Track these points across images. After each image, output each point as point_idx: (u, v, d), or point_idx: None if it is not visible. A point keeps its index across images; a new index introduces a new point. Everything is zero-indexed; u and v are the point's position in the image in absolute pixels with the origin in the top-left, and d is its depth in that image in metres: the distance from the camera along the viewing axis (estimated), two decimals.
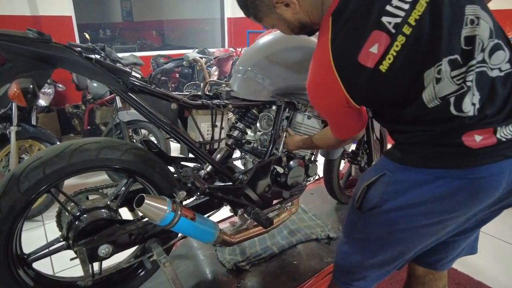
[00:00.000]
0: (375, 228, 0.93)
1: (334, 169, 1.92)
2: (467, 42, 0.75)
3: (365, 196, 0.93)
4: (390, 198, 0.87)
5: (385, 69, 0.77)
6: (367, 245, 0.98)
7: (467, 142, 0.76)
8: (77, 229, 1.06)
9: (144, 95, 1.05)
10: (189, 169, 1.11)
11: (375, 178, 0.90)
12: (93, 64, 0.92)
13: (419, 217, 0.85)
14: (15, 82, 0.79)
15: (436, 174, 0.80)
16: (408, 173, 0.84)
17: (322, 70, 0.84)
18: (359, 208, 0.95)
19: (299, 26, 0.94)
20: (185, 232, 1.13)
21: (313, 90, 0.91)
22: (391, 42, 0.75)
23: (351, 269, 1.03)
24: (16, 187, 0.90)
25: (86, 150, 0.98)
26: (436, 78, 0.76)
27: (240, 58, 1.42)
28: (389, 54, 0.76)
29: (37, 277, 1.11)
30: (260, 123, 1.47)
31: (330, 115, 0.97)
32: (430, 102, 0.77)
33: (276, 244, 1.73)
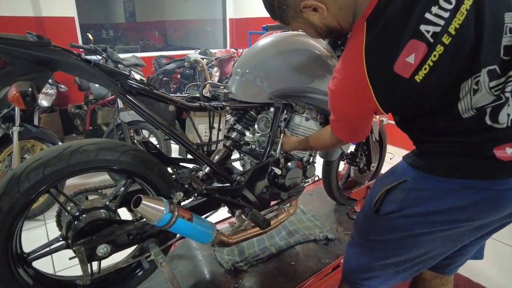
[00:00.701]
0: (391, 232, 0.93)
1: (333, 170, 1.93)
2: (507, 52, 0.73)
3: (384, 200, 0.94)
4: (411, 204, 0.87)
5: (420, 79, 0.75)
6: (381, 247, 0.98)
7: (498, 154, 0.75)
8: (76, 229, 1.08)
9: (142, 97, 1.06)
10: (186, 170, 1.12)
11: (396, 183, 0.90)
12: (91, 67, 0.94)
13: (438, 224, 0.85)
14: (14, 85, 0.81)
15: (461, 184, 0.79)
16: (432, 182, 0.83)
17: (354, 77, 0.81)
18: (376, 212, 0.96)
19: (327, 30, 0.92)
20: (182, 232, 1.14)
21: (339, 95, 0.89)
22: (429, 52, 0.73)
23: (362, 269, 1.03)
24: (16, 187, 0.92)
25: (85, 151, 0.99)
26: (473, 89, 0.74)
27: (238, 60, 1.43)
28: (425, 64, 0.73)
29: (36, 276, 1.13)
30: (258, 124, 1.49)
31: (349, 119, 0.94)
32: (465, 112, 0.75)
33: (274, 245, 1.74)
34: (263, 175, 1.41)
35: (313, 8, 0.86)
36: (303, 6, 0.86)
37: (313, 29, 0.93)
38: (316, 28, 0.92)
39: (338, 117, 0.95)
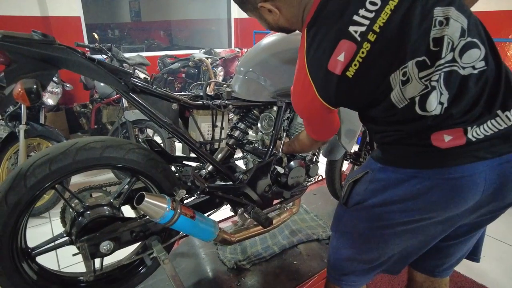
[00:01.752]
0: (358, 223, 0.97)
1: (336, 170, 1.93)
2: (435, 43, 0.77)
3: (351, 192, 0.99)
4: (371, 195, 0.91)
5: (351, 75, 0.82)
6: (352, 240, 1.01)
7: (435, 142, 0.78)
8: (79, 225, 1.09)
9: (145, 95, 1.07)
10: (189, 168, 1.13)
11: (360, 175, 0.95)
12: (95, 65, 0.94)
13: (396, 214, 0.87)
14: (19, 82, 0.82)
15: (410, 174, 0.83)
16: (386, 172, 0.88)
17: (300, 76, 0.92)
18: (345, 204, 1.01)
19: (278, 28, 1.04)
20: (184, 230, 1.14)
21: (293, 93, 1.00)
22: (357, 50, 0.80)
23: (340, 263, 1.05)
24: (22, 182, 0.93)
25: (91, 148, 1.00)
26: (401, 80, 0.79)
27: (241, 59, 1.43)
28: (355, 60, 0.80)
29: (40, 271, 1.14)
30: (261, 123, 1.49)
31: (307, 117, 1.05)
32: (399, 102, 0.80)
33: (277, 243, 1.74)
34: (265, 173, 1.41)
35: (268, 9, 0.95)
36: (260, 6, 0.95)
37: (266, 24, 1.04)
38: (269, 24, 1.03)
39: (301, 116, 1.08)
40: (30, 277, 1.08)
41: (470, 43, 0.77)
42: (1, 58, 0.86)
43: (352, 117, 1.59)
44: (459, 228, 0.92)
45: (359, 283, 1.06)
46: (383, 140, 0.89)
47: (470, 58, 0.77)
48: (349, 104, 0.94)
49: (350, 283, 1.05)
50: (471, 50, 0.77)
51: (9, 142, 2.40)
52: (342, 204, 1.02)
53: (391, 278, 1.85)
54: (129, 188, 1.16)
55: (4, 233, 0.96)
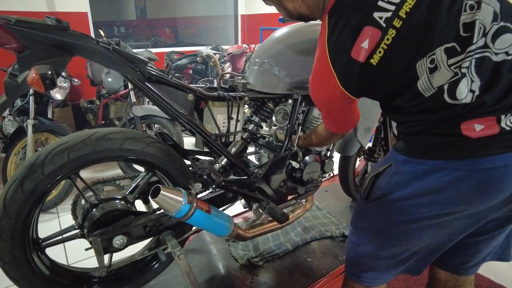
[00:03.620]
0: (380, 218, 0.94)
1: (350, 166, 1.88)
2: (466, 29, 0.74)
3: (372, 187, 0.95)
4: (395, 189, 0.88)
5: (376, 62, 0.79)
6: (374, 235, 0.98)
7: (466, 132, 0.75)
8: (93, 218, 1.06)
9: (161, 85, 1.04)
10: (205, 161, 1.09)
11: (382, 169, 0.92)
12: (110, 52, 0.91)
13: (422, 208, 0.84)
14: (34, 68, 0.78)
15: (437, 165, 0.80)
16: (411, 165, 0.85)
17: (321, 65, 0.89)
18: (366, 198, 0.97)
19: (298, 16, 1.01)
20: (200, 225, 1.11)
21: (313, 82, 0.97)
22: (382, 36, 0.77)
23: (360, 259, 1.02)
24: (40, 169, 0.90)
25: (111, 139, 0.98)
26: (429, 67, 0.76)
27: (256, 50, 1.39)
28: (379, 48, 0.78)
29: (52, 266, 1.12)
30: (276, 117, 1.45)
31: (326, 108, 1.02)
32: (426, 91, 0.77)
33: (289, 240, 1.71)
34: (281, 168, 1.37)
35: None
36: None
37: (285, 12, 1.02)
38: (288, 11, 1.01)
39: (319, 107, 1.04)
40: (40, 270, 1.06)
41: (503, 28, 0.73)
42: (14, 44, 0.83)
43: (369, 112, 1.55)
44: (488, 223, 0.88)
45: (379, 280, 1.02)
46: (408, 130, 0.86)
47: (503, 43, 0.73)
48: (372, 93, 0.91)
49: (369, 280, 1.02)
50: (505, 35, 0.73)
51: (17, 137, 2.39)
52: (363, 198, 0.98)
53: (406, 276, 1.81)
54: (145, 182, 1.13)
55: (18, 221, 0.93)
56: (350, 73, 0.84)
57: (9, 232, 0.93)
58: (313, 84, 0.98)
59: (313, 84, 0.98)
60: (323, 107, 1.02)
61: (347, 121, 1.05)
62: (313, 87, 0.98)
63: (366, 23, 0.79)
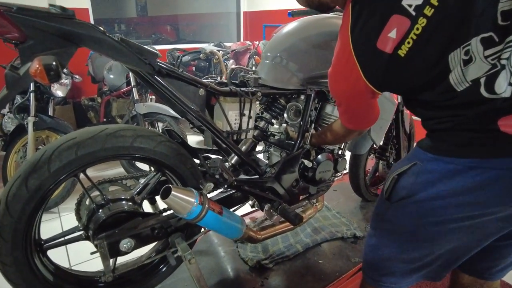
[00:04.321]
0: (404, 219, 0.88)
1: (361, 165, 1.83)
2: (505, 17, 0.67)
3: (395, 186, 0.89)
4: (420, 189, 0.82)
5: (404, 54, 0.74)
6: (395, 238, 0.92)
7: (504, 128, 0.68)
8: (99, 220, 1.00)
9: (171, 79, 0.98)
10: (217, 160, 1.04)
11: (406, 168, 0.86)
12: (118, 42, 0.85)
13: (450, 210, 0.78)
14: (37, 59, 0.73)
15: (468, 164, 0.74)
16: (439, 163, 0.79)
17: (343, 56, 0.84)
18: (388, 199, 0.91)
19: (318, 4, 0.96)
20: (211, 226, 1.05)
21: (333, 75, 0.92)
22: (411, 26, 0.72)
23: (379, 263, 0.97)
24: (46, 166, 0.85)
25: (122, 136, 0.93)
26: (463, 59, 0.70)
27: (268, 44, 1.33)
28: (408, 38, 0.73)
29: (54, 269, 1.06)
30: (288, 113, 1.39)
31: (347, 102, 0.96)
32: (459, 85, 0.72)
33: (300, 242, 1.65)
34: (293, 167, 1.31)
35: None
36: None
37: (304, 1, 0.98)
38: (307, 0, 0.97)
39: (338, 101, 0.98)
40: (41, 273, 1.00)
41: None
42: (16, 34, 0.77)
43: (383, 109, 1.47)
44: None
45: (400, 285, 0.97)
46: (437, 127, 0.80)
47: None
48: (397, 87, 0.85)
49: (389, 284, 0.97)
50: None
51: (17, 135, 2.32)
52: (385, 199, 0.92)
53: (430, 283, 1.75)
54: (154, 182, 1.07)
55: (21, 220, 0.87)
56: (375, 65, 0.79)
57: (11, 232, 0.87)
58: (333, 77, 0.92)
59: (333, 77, 0.92)
60: (343, 102, 0.97)
61: (368, 117, 1.00)
62: (333, 80, 0.93)
63: (394, 12, 0.73)
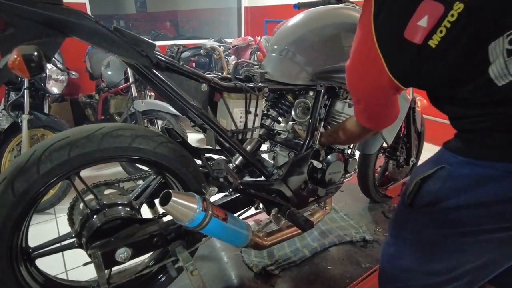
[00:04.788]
0: (429, 228, 0.80)
1: (371, 164, 1.74)
2: None
3: (419, 191, 0.81)
4: (449, 195, 0.74)
5: (435, 44, 0.66)
6: (419, 247, 0.84)
7: None
8: (93, 227, 0.92)
9: (171, 73, 0.89)
10: (221, 161, 0.95)
11: (431, 171, 0.77)
12: (111, 32, 0.76)
13: (484, 220, 0.70)
14: (16, 49, 0.63)
15: (508, 169, 0.65)
16: (472, 167, 0.70)
17: (364, 47, 0.76)
18: (410, 205, 0.82)
19: None
20: (215, 234, 0.97)
21: (352, 68, 0.84)
22: (445, 12, 0.63)
23: (398, 274, 0.89)
24: (35, 167, 0.77)
25: (119, 136, 0.85)
26: (507, 49, 0.61)
27: (274, 36, 1.24)
28: (441, 26, 0.64)
29: (45, 282, 0.98)
30: (296, 111, 1.30)
31: (366, 98, 0.87)
32: (500, 79, 0.63)
33: (307, 246, 1.57)
34: (302, 168, 1.23)
35: None
36: None
37: None
38: None
39: (356, 98, 0.89)
40: (28, 285, 0.91)
41: None
42: None
43: None
44: None
45: None
46: (471, 126, 0.71)
47: None
48: (426, 81, 0.76)
49: None
50: None
51: (11, 133, 2.24)
52: (407, 205, 0.84)
53: None
54: (154, 186, 0.98)
55: (5, 227, 0.79)
56: (401, 58, 0.71)
57: None
58: (352, 71, 0.83)
59: (352, 71, 0.83)
60: (362, 99, 0.88)
61: (388, 116, 0.91)
62: (352, 75, 0.84)
63: None
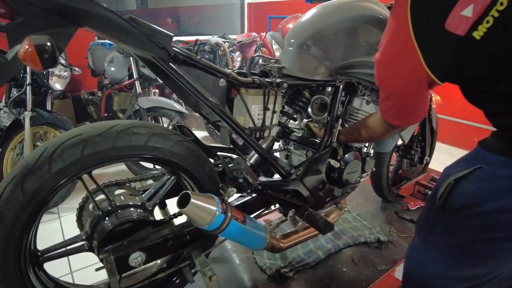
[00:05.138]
0: (463, 232, 0.76)
1: (385, 164, 1.69)
2: None
3: (451, 193, 0.76)
4: (487, 198, 0.70)
5: (480, 36, 0.61)
6: (450, 252, 0.79)
7: None
8: (105, 230, 0.87)
9: (188, 67, 0.83)
10: (241, 161, 0.90)
11: (467, 171, 0.72)
12: (128, 22, 0.71)
13: None
14: (27, 39, 0.58)
15: None
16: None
17: (398, 40, 0.71)
18: (441, 207, 0.78)
19: None
20: (233, 237, 0.92)
21: (384, 62, 0.78)
22: (493, 0, 0.58)
23: (428, 279, 0.84)
24: (47, 166, 0.72)
25: (135, 134, 0.80)
26: None
27: (291, 29, 1.19)
28: (488, 16, 0.59)
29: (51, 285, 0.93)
30: (312, 108, 1.25)
31: (396, 95, 0.82)
32: None
33: (320, 247, 1.52)
34: (320, 167, 1.18)
35: None
36: None
37: None
38: None
39: (386, 94, 0.84)
40: None
41: None
42: (2, 10, 0.63)
43: None
44: None
45: None
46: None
47: None
48: (466, 76, 0.71)
49: None
50: None
51: (13, 131, 2.18)
52: (437, 207, 0.79)
53: None
54: (168, 187, 0.94)
55: (14, 228, 0.74)
56: (441, 51, 0.66)
57: (2, 242, 0.74)
58: (383, 64, 0.78)
59: (383, 64, 0.78)
60: (392, 94, 0.82)
61: (418, 113, 0.86)
62: (383, 68, 0.79)
63: None
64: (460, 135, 3.09)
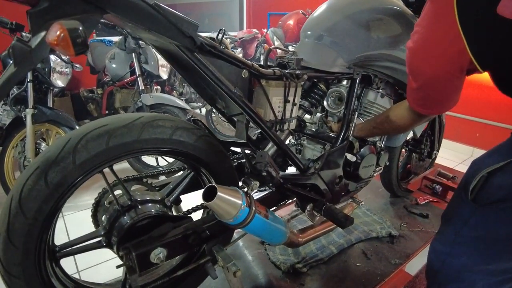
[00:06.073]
0: (497, 227, 0.75)
1: (395, 158, 1.68)
2: None
3: (484, 186, 0.75)
4: None
5: None
6: (484, 246, 0.78)
7: None
8: (124, 225, 0.84)
9: (212, 57, 0.81)
10: (264, 154, 0.88)
11: (501, 164, 0.71)
12: (154, 9, 0.68)
13: None
14: (58, 23, 0.55)
15: None
16: None
17: (440, 25, 0.69)
18: (474, 200, 0.77)
19: None
20: (256, 232, 0.90)
21: (421, 51, 0.75)
22: None
23: (456, 274, 0.83)
24: (71, 157, 0.70)
25: (160, 126, 0.78)
26: None
27: (308, 21, 1.17)
28: None
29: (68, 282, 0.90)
30: (328, 101, 1.23)
31: (431, 83, 0.78)
32: None
33: (333, 243, 1.51)
34: (338, 162, 1.16)
35: None
36: None
37: None
38: None
39: (419, 83, 0.80)
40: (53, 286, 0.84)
41: None
42: None
43: None
44: None
45: None
46: None
47: None
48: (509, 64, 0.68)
49: None
50: None
51: (14, 128, 2.13)
52: (470, 200, 0.78)
53: None
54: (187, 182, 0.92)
55: (36, 222, 0.71)
56: (491, 37, 0.64)
57: (23, 236, 0.72)
58: (421, 51, 0.75)
59: (421, 51, 0.75)
60: (426, 83, 0.79)
61: (450, 101, 0.82)
62: (419, 56, 0.76)
63: None
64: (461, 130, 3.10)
